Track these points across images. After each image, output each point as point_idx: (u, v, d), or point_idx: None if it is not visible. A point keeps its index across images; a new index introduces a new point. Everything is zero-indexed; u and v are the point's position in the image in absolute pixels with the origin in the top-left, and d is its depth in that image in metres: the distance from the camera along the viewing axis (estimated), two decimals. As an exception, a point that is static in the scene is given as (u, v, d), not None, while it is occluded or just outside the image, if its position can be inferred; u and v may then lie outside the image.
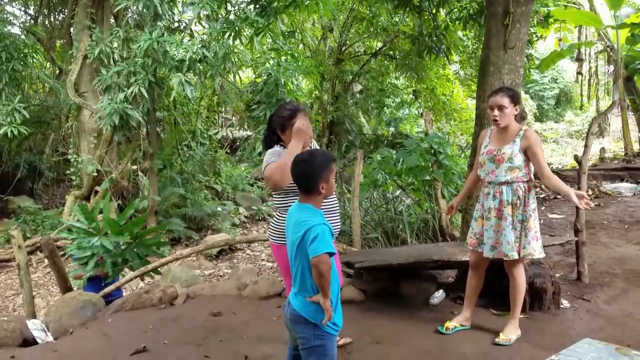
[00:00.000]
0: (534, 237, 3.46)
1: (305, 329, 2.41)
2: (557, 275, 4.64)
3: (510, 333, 3.52)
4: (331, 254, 2.29)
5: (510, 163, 3.44)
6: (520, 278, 3.55)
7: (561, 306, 4.11)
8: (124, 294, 5.13)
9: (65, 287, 4.85)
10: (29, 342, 4.14)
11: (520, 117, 4.75)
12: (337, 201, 3.20)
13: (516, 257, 3.44)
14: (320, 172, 2.42)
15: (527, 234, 3.45)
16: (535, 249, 3.46)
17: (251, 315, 4.27)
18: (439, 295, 4.40)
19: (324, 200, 2.61)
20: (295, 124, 3.06)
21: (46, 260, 6.36)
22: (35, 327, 4.26)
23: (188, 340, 3.80)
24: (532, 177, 3.55)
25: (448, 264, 4.26)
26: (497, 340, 3.49)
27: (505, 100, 3.42)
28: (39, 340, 4.14)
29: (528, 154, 3.44)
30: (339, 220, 3.22)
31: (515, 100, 3.47)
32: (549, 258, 4.87)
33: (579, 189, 4.91)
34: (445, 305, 4.31)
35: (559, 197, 9.24)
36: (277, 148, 3.19)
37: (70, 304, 4.49)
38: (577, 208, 4.83)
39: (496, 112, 3.45)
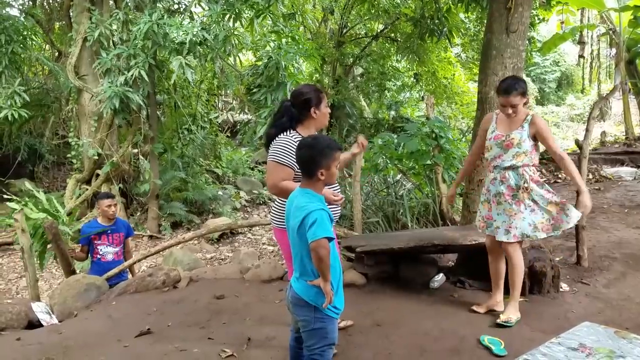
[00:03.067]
0: (556, 212, 3.52)
1: (306, 312, 2.45)
2: (557, 259, 4.68)
3: (511, 314, 3.55)
4: (330, 239, 2.31)
5: (519, 148, 3.49)
6: (518, 259, 3.57)
7: (560, 290, 4.15)
8: (128, 276, 5.17)
9: (69, 270, 4.90)
10: (34, 324, 4.20)
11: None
12: (338, 187, 3.21)
13: (542, 236, 3.52)
14: (321, 159, 2.42)
15: (551, 212, 3.50)
16: (565, 223, 3.53)
17: (253, 298, 4.31)
18: (439, 278, 4.44)
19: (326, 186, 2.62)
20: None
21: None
22: (40, 310, 4.31)
23: (191, 322, 3.85)
24: (537, 162, 3.61)
25: (448, 248, 4.29)
26: (498, 321, 3.51)
27: (517, 99, 3.46)
28: (43, 323, 4.19)
29: (538, 139, 3.51)
30: (339, 206, 3.23)
31: (525, 92, 3.51)
32: (549, 242, 4.91)
33: (579, 173, 4.93)
34: (446, 288, 4.35)
35: (559, 181, 9.27)
36: (293, 135, 3.06)
37: (74, 286, 4.54)
38: (577, 192, 4.84)
39: (510, 111, 3.50)
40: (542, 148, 3.68)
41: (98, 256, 4.98)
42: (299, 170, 2.91)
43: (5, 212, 9.23)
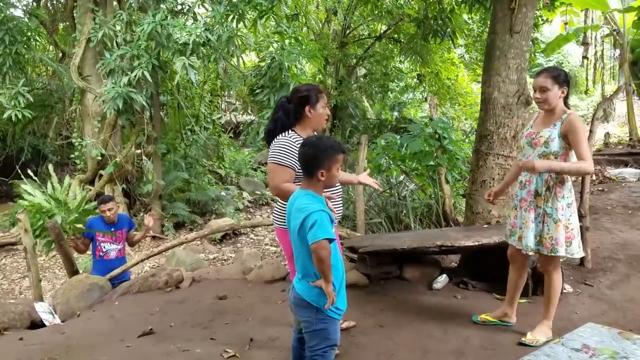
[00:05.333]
0: (568, 236, 3.16)
1: (308, 313, 2.45)
2: (560, 260, 4.66)
3: (540, 335, 3.30)
4: (330, 240, 2.31)
5: (545, 148, 3.15)
6: (555, 277, 3.29)
7: (564, 291, 4.13)
8: (131, 277, 5.18)
9: (72, 270, 4.90)
10: (36, 324, 4.21)
11: (525, 102, 4.75)
12: (340, 188, 3.20)
13: (544, 252, 3.19)
14: (322, 159, 2.41)
15: (556, 231, 3.14)
16: (574, 250, 3.21)
17: (256, 299, 4.31)
18: (442, 279, 4.44)
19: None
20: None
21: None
22: (42, 310, 4.32)
23: (194, 322, 3.85)
24: None
25: (451, 249, 4.28)
26: (523, 340, 3.29)
27: (548, 82, 3.14)
28: (46, 323, 4.20)
29: (570, 140, 3.10)
30: (341, 206, 3.23)
31: (561, 80, 3.16)
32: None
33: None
34: (448, 289, 4.35)
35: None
36: (291, 135, 3.06)
37: (77, 286, 4.54)
38: (582, 193, 4.84)
39: (538, 95, 3.19)
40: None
41: (101, 254, 5.00)
42: (299, 170, 2.92)
43: (8, 212, 9.29)
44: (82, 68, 8.92)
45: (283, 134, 3.08)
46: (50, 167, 5.98)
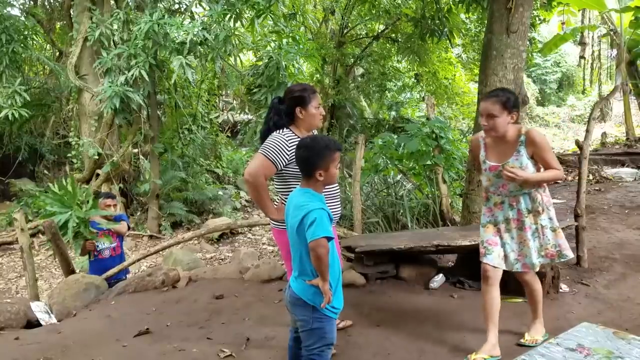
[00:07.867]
0: (562, 238, 3.16)
1: (304, 312, 2.44)
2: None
3: (537, 334, 3.29)
4: (329, 239, 2.31)
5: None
6: (535, 284, 3.28)
7: (560, 290, 4.14)
8: (128, 276, 5.17)
9: (68, 270, 4.89)
10: (32, 324, 4.20)
11: (522, 102, 4.75)
12: (338, 187, 3.20)
13: (550, 262, 3.20)
14: (319, 160, 2.42)
15: (557, 238, 3.13)
16: (569, 251, 3.17)
17: (253, 298, 4.31)
18: (438, 279, 4.44)
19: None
20: None
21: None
22: (38, 309, 4.31)
23: (191, 322, 3.84)
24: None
25: (448, 248, 4.29)
26: (522, 341, 3.27)
27: (495, 108, 2.91)
28: (42, 322, 4.19)
29: (537, 157, 3.00)
30: (340, 206, 3.22)
31: (510, 106, 2.94)
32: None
33: (579, 173, 4.93)
34: (445, 289, 4.35)
35: (558, 182, 9.26)
36: (286, 133, 3.05)
37: (73, 286, 4.54)
38: (578, 193, 4.85)
39: (484, 121, 2.97)
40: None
41: (95, 253, 5.00)
42: (283, 169, 2.98)
43: (5, 210, 9.27)
44: (79, 67, 8.90)
45: (278, 131, 3.07)
46: (70, 179, 5.94)
